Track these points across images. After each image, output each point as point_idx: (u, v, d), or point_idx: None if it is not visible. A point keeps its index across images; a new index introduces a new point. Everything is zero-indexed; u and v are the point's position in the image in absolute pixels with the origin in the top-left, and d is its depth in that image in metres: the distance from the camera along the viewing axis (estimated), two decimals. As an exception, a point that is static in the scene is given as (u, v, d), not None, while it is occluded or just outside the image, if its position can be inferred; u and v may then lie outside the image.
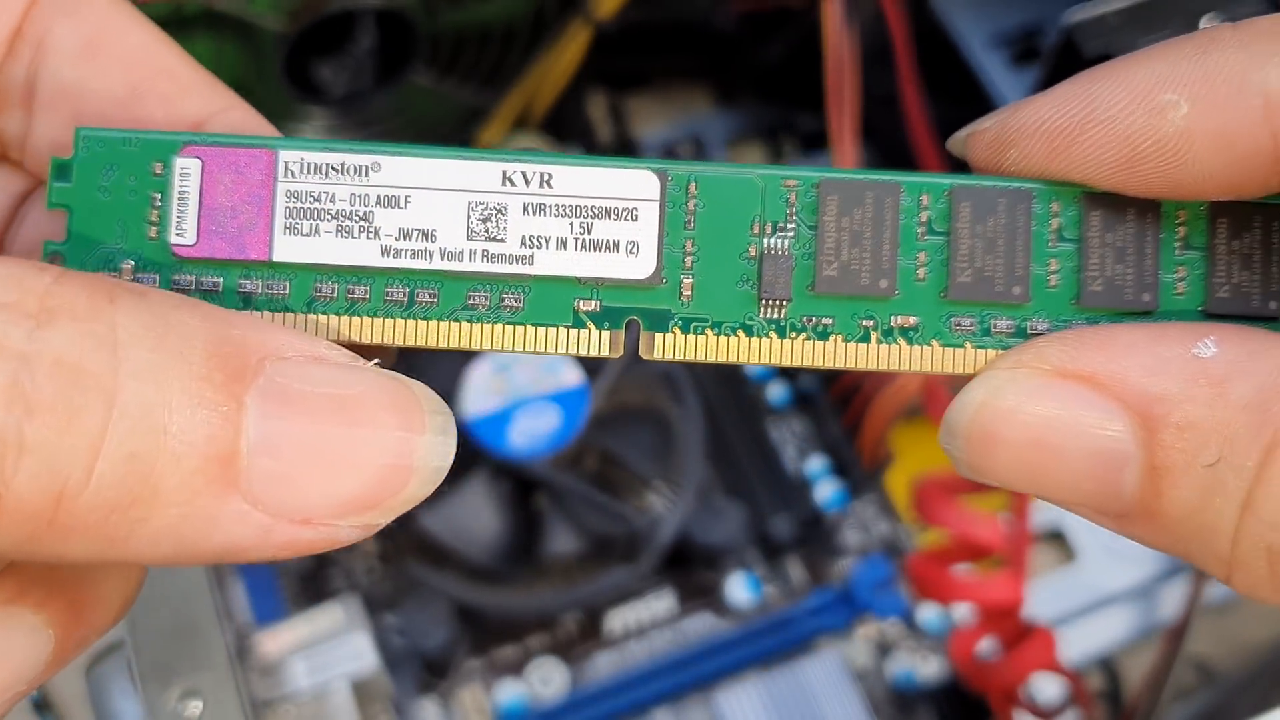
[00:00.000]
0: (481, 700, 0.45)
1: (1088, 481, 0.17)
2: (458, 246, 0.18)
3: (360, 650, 0.42)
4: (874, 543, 0.48)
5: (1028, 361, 0.18)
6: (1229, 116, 0.17)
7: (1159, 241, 0.19)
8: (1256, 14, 0.42)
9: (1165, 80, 0.17)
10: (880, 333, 0.19)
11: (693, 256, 0.19)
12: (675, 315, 0.19)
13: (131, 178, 0.19)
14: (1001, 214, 0.19)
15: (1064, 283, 0.19)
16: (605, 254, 0.19)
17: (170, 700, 0.32)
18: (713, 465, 0.49)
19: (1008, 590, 0.38)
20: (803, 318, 0.19)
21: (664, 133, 0.59)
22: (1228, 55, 0.17)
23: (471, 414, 0.43)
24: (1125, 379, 0.17)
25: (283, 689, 0.41)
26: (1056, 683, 0.46)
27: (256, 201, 0.18)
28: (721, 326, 0.19)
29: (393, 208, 0.18)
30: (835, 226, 0.19)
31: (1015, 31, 0.52)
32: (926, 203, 0.19)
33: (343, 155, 0.18)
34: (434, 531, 0.42)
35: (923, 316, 0.19)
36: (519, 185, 0.19)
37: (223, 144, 0.19)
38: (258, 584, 0.46)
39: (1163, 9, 0.43)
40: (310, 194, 0.19)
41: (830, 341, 0.19)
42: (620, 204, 0.19)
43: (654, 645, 0.46)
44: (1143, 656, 0.49)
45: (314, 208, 0.19)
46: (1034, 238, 0.19)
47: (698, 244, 0.19)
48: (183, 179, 0.18)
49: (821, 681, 0.44)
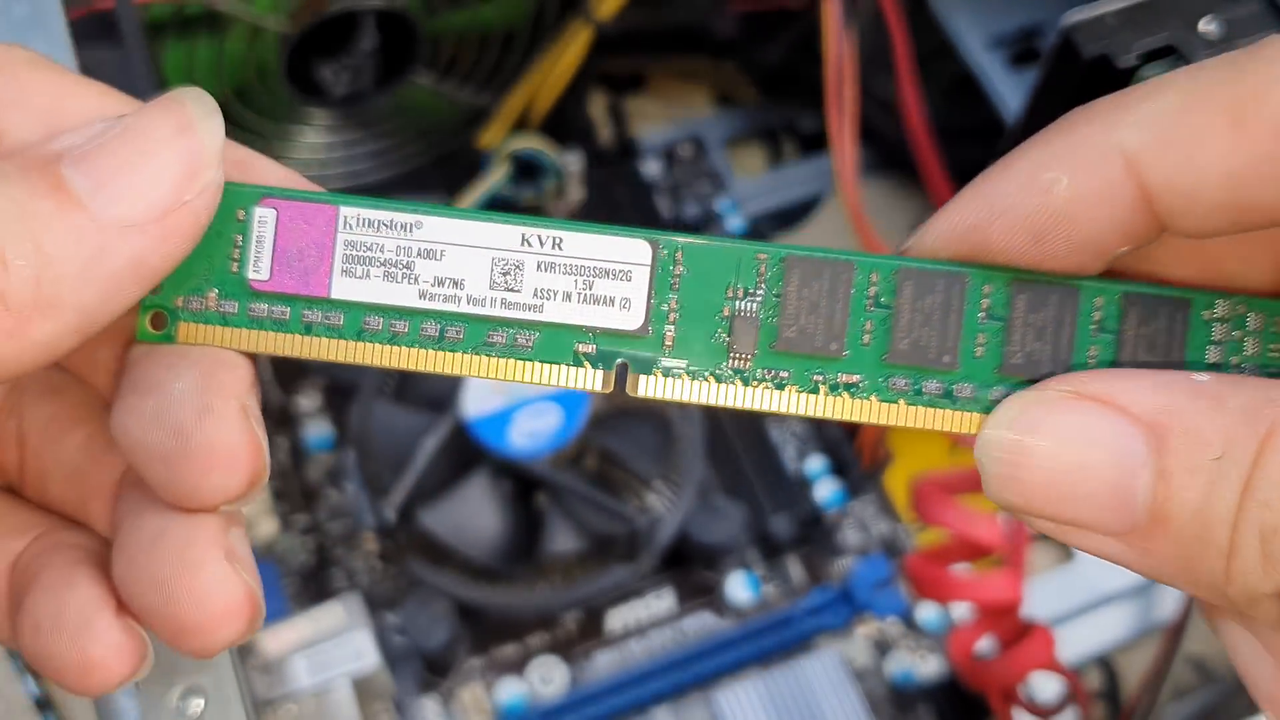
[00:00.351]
0: (482, 699, 0.45)
1: (1106, 492, 0.19)
2: (481, 294, 0.22)
3: (361, 649, 0.42)
4: (873, 542, 0.48)
5: (1051, 385, 0.21)
6: (1099, 179, 0.20)
7: (1075, 324, 0.22)
8: (1254, 15, 0.43)
9: (1044, 162, 0.20)
10: (828, 387, 0.22)
11: (675, 313, 0.22)
12: (658, 361, 0.22)
13: (218, 221, 0.22)
14: (939, 293, 0.22)
15: (989, 354, 0.22)
16: (602, 307, 0.22)
17: (171, 699, 0.31)
18: (712, 465, 0.49)
19: (1006, 589, 0.39)
20: (764, 370, 0.22)
21: (664, 133, 0.59)
22: (1090, 127, 0.20)
23: (473, 414, 0.43)
24: (1136, 397, 0.19)
25: (284, 687, 0.41)
26: (1055, 681, 0.46)
27: (320, 248, 0.22)
28: (695, 373, 0.22)
29: (430, 259, 0.22)
30: (796, 296, 0.22)
31: (1014, 33, 0.52)
32: (875, 279, 0.22)
33: (391, 214, 0.22)
34: (435, 531, 0.42)
35: (865, 375, 0.22)
36: (534, 246, 0.22)
37: (294, 198, 0.22)
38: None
39: (1160, 11, 0.43)
40: (364, 244, 0.22)
41: (786, 391, 0.22)
42: (617, 266, 0.22)
43: (654, 644, 0.46)
44: (1141, 655, 0.49)
45: (367, 255, 0.22)
46: (965, 315, 0.22)
47: (680, 303, 0.22)
48: (260, 225, 0.22)
49: (821, 680, 0.44)
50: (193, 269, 0.22)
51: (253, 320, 0.22)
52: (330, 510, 0.48)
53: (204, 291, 0.22)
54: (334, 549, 0.47)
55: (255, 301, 0.22)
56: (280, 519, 0.48)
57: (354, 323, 0.22)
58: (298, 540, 0.47)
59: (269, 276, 0.22)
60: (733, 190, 0.57)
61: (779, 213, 0.59)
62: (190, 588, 0.21)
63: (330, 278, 0.22)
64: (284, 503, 0.48)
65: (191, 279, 0.22)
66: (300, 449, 0.49)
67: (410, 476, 0.42)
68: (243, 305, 0.22)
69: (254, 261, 0.22)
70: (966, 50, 0.51)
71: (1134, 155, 0.20)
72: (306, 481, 0.49)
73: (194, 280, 0.22)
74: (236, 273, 0.22)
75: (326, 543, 0.47)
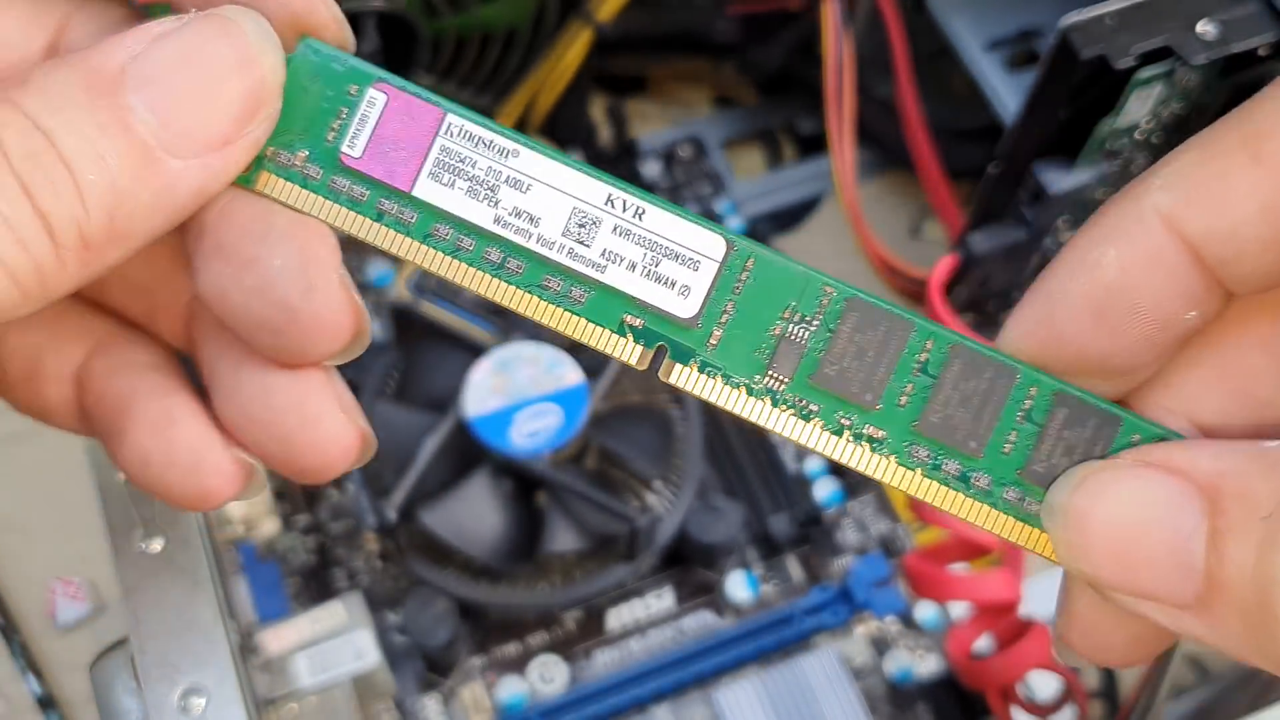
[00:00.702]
0: (483, 697, 0.45)
1: (1165, 558, 0.19)
2: (553, 238, 0.22)
3: (363, 648, 0.42)
4: (872, 541, 0.49)
5: (1116, 456, 0.21)
6: (1143, 243, 0.20)
7: (1108, 448, 0.22)
8: (1251, 16, 0.43)
9: (1090, 245, 0.21)
10: (852, 434, 0.22)
11: (729, 316, 0.22)
12: (697, 355, 0.22)
13: (330, 90, 0.22)
14: (985, 380, 0.22)
15: (1015, 454, 0.22)
16: (662, 287, 0.22)
17: (173, 698, 0.32)
18: (712, 464, 0.49)
19: (1004, 588, 0.39)
20: (795, 397, 0.22)
21: (664, 134, 0.59)
22: (1124, 200, 0.21)
23: (474, 413, 0.43)
24: (1196, 462, 0.19)
25: (286, 687, 0.41)
26: (1053, 680, 0.46)
27: (416, 145, 0.22)
28: (730, 379, 0.22)
29: (515, 189, 0.22)
30: (848, 338, 0.22)
31: (1013, 35, 0.52)
32: (929, 347, 0.22)
33: (493, 135, 0.22)
34: (436, 530, 0.43)
35: (890, 434, 0.22)
36: (616, 209, 0.22)
37: (408, 90, 0.22)
38: (261, 582, 0.46)
39: (1158, 13, 0.43)
40: (458, 155, 0.22)
41: (810, 424, 0.22)
42: (689, 254, 0.22)
43: (654, 643, 0.46)
44: (1139, 654, 0.49)
45: (457, 166, 0.22)
46: (1005, 410, 0.22)
47: (737, 307, 0.22)
48: (368, 106, 0.22)
49: (820, 678, 0.44)
50: (291, 125, 0.22)
51: (331, 191, 0.22)
52: (331, 510, 0.48)
53: (295, 150, 0.22)
54: (335, 549, 0.48)
55: (339, 175, 0.22)
56: (282, 519, 0.48)
57: (424, 225, 0.22)
58: (299, 540, 0.48)
59: (360, 155, 0.22)
60: (732, 191, 0.57)
61: (778, 213, 0.59)
62: (312, 441, 0.23)
63: (417, 176, 0.22)
64: (285, 503, 0.48)
65: (288, 134, 0.22)
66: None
67: (411, 476, 0.42)
68: (326, 175, 0.22)
69: (351, 137, 0.22)
70: (965, 52, 0.52)
71: (1169, 213, 0.20)
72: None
73: (290, 136, 0.22)
74: (331, 143, 0.22)
75: (328, 542, 0.48)
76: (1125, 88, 0.43)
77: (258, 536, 0.47)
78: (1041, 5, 0.53)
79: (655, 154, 0.58)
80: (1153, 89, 0.44)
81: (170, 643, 0.32)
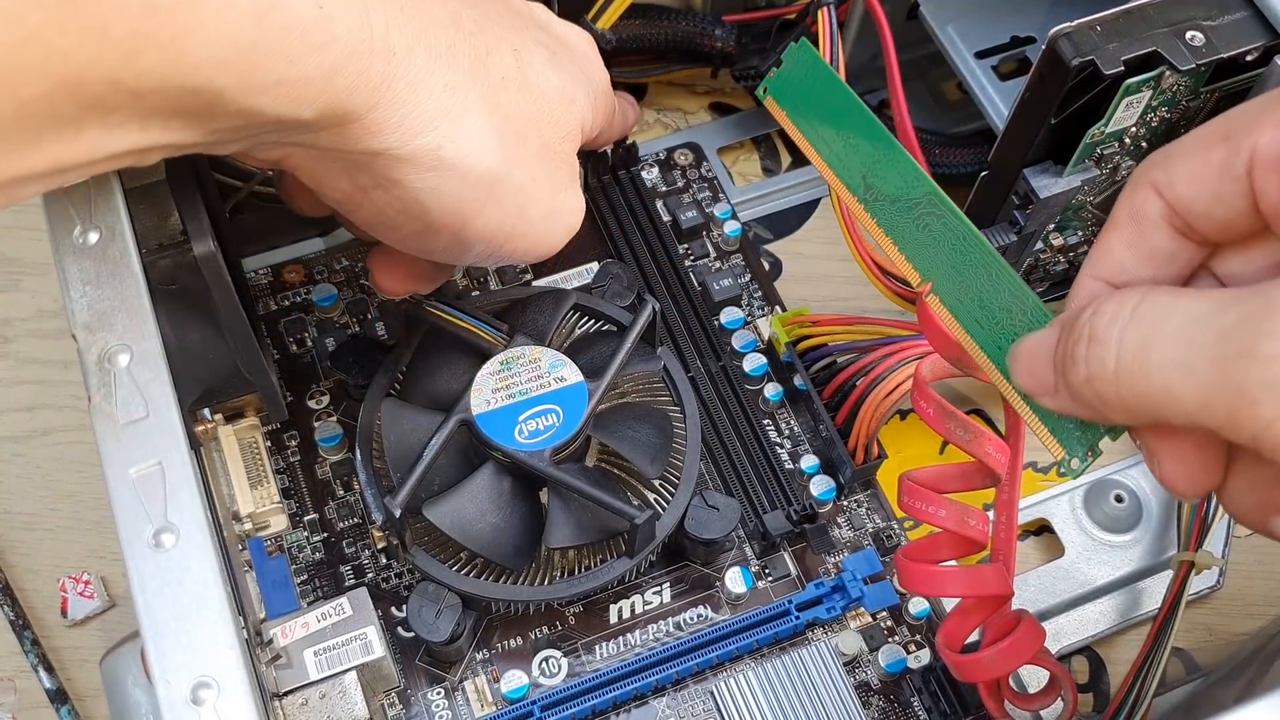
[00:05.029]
0: (486, 690, 0.45)
1: (1045, 368, 0.32)
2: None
3: (369, 642, 0.43)
4: (866, 537, 0.49)
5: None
6: (1140, 205, 0.32)
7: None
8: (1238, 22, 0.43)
9: (1118, 204, 0.33)
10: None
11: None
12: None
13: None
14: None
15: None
16: None
17: (184, 691, 0.32)
18: (710, 462, 0.50)
19: (996, 583, 0.39)
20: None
21: (662, 141, 0.59)
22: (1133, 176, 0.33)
23: (478, 412, 0.44)
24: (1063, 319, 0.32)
25: (294, 680, 0.42)
26: (1044, 674, 0.46)
27: None
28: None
29: None
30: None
31: (1004, 43, 0.52)
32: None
33: None
34: (440, 526, 0.43)
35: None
36: None
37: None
38: (270, 577, 0.47)
39: (1146, 20, 0.43)
40: None
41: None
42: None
43: (653, 636, 0.46)
44: (1128, 648, 0.50)
45: None
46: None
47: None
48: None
49: (814, 671, 0.44)
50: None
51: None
52: (339, 507, 0.49)
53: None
54: (342, 545, 0.48)
55: None
56: (289, 516, 0.48)
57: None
58: (306, 536, 0.48)
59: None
60: (729, 196, 0.58)
61: (774, 218, 0.59)
62: None
63: None
64: (293, 500, 0.49)
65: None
66: (309, 447, 0.50)
67: (417, 473, 0.43)
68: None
69: None
70: (957, 60, 0.52)
71: (1156, 181, 0.31)
72: (315, 479, 0.50)
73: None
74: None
75: (335, 539, 0.48)
76: (1114, 94, 0.44)
77: (266, 533, 0.48)
78: (1032, 13, 0.53)
79: (654, 160, 0.58)
80: (1141, 95, 0.44)
81: (180, 637, 0.32)
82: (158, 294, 0.37)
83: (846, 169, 0.38)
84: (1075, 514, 0.51)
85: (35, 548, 0.52)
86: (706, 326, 0.53)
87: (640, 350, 0.47)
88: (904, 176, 0.37)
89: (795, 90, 0.40)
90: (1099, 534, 0.51)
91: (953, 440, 0.37)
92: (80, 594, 0.50)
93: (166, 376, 0.35)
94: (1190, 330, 0.27)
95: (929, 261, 0.36)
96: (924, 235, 0.36)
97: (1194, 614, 0.51)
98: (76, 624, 0.50)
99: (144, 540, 0.33)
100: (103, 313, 0.36)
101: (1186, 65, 0.42)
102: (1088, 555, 0.50)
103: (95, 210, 0.37)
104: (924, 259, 0.36)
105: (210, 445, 0.46)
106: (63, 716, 0.48)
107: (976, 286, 0.35)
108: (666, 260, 0.54)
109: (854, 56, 0.57)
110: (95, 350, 0.35)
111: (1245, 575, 0.51)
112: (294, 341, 0.53)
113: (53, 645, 0.50)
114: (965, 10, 0.53)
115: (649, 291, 0.53)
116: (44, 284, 0.57)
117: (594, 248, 0.55)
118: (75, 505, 0.52)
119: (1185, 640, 0.50)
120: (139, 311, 0.36)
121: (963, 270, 0.35)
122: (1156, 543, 0.51)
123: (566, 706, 0.44)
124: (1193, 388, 0.26)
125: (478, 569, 0.45)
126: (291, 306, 0.53)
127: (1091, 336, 0.29)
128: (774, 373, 0.52)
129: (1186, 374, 0.26)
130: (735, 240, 0.56)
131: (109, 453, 0.34)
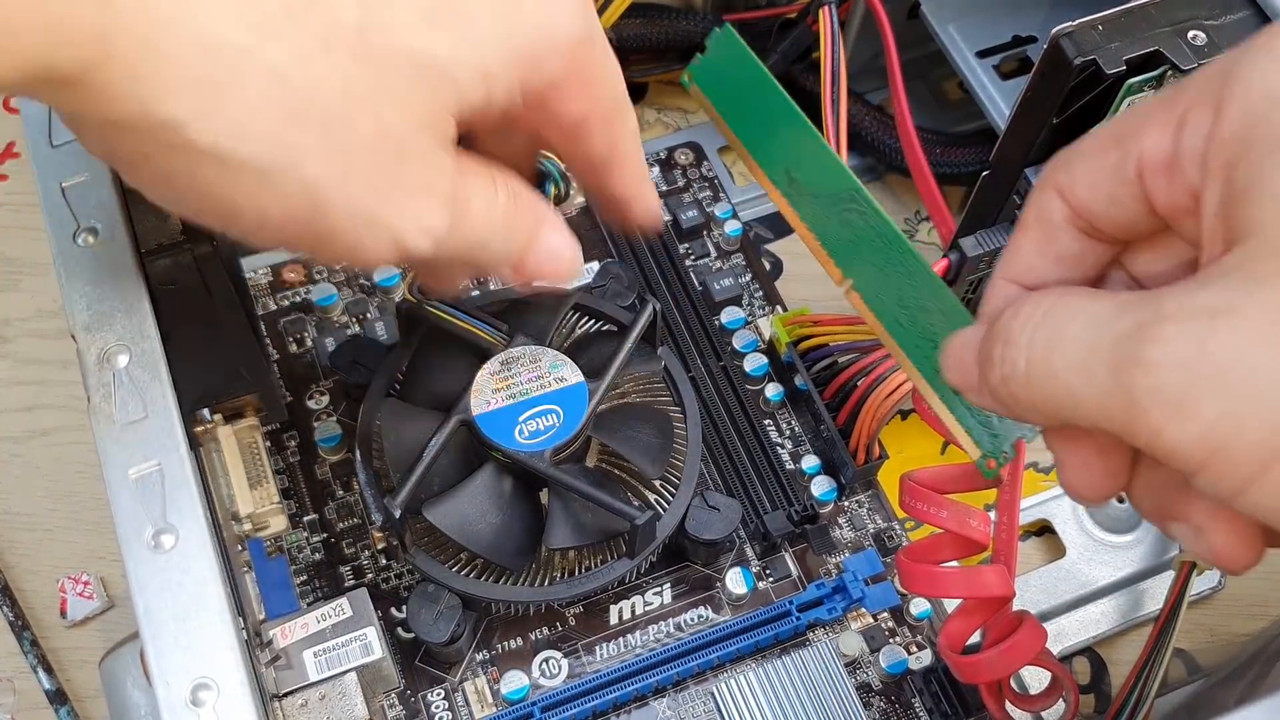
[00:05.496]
0: (486, 691, 0.45)
1: (970, 364, 0.31)
2: None
3: (369, 643, 0.43)
4: (867, 538, 0.49)
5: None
6: (1045, 208, 0.32)
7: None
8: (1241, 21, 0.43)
9: (1025, 205, 0.33)
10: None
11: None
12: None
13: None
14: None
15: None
16: None
17: (183, 692, 0.32)
18: (711, 462, 0.50)
19: (998, 584, 0.39)
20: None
21: (662, 140, 0.59)
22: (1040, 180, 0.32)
23: (478, 412, 0.44)
24: (986, 314, 0.32)
25: (293, 682, 0.42)
26: (1046, 675, 0.46)
27: None
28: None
29: None
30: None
31: (1005, 42, 0.52)
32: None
33: None
34: (440, 527, 0.43)
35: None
36: None
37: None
38: (269, 579, 0.47)
39: (1148, 19, 0.43)
40: None
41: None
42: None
43: (654, 637, 0.46)
44: (1130, 649, 0.50)
45: None
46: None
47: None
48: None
49: (815, 672, 0.44)
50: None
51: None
52: (338, 508, 0.49)
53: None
54: (342, 546, 0.48)
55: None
56: (289, 516, 0.48)
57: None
58: (306, 537, 0.48)
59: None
60: (730, 196, 0.58)
61: (775, 217, 0.59)
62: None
63: None
64: (293, 500, 0.49)
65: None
66: (309, 447, 0.50)
67: (417, 474, 0.43)
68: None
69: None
70: (958, 59, 0.52)
71: (1059, 185, 0.31)
72: (315, 479, 0.50)
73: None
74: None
75: (335, 539, 0.48)
76: (1116, 94, 0.44)
77: (266, 534, 0.48)
78: (1033, 13, 0.53)
79: (654, 159, 0.58)
80: (1143, 95, 0.44)
81: (179, 638, 0.32)
82: (157, 294, 0.37)
83: (770, 161, 0.37)
84: (1077, 515, 0.51)
85: (34, 548, 0.52)
86: (707, 326, 0.53)
87: (641, 350, 0.47)
88: (827, 172, 0.36)
89: (720, 79, 0.39)
90: (1100, 535, 0.51)
91: (954, 441, 0.37)
92: (79, 594, 0.50)
93: (166, 377, 0.35)
94: (1092, 334, 0.27)
95: (851, 258, 0.36)
96: (846, 232, 0.36)
97: (1195, 615, 0.51)
98: (76, 625, 0.50)
99: (143, 541, 0.33)
100: (102, 313, 0.36)
101: (1189, 65, 0.43)
102: (1089, 556, 0.50)
103: (94, 210, 0.37)
104: (846, 256, 0.36)
105: (209, 446, 0.46)
106: (62, 717, 0.48)
107: (896, 285, 0.35)
108: (667, 260, 0.54)
109: (855, 56, 0.57)
110: (94, 351, 0.36)
111: (1246, 576, 0.51)
112: (294, 341, 0.52)
113: (52, 646, 0.50)
114: (966, 9, 0.53)
115: (649, 291, 0.53)
116: (43, 284, 0.57)
117: (594, 248, 0.55)
118: (74, 505, 0.52)
119: (1187, 641, 0.50)
120: (138, 312, 0.36)
121: (883, 268, 0.35)
122: (1158, 543, 0.51)
123: (567, 708, 0.44)
124: (1093, 392, 0.26)
125: (478, 570, 0.45)
126: (291, 306, 0.53)
127: (1007, 338, 0.29)
128: (775, 373, 0.52)
129: (1087, 378, 0.26)
130: (736, 240, 0.56)
131: (108, 453, 0.34)
